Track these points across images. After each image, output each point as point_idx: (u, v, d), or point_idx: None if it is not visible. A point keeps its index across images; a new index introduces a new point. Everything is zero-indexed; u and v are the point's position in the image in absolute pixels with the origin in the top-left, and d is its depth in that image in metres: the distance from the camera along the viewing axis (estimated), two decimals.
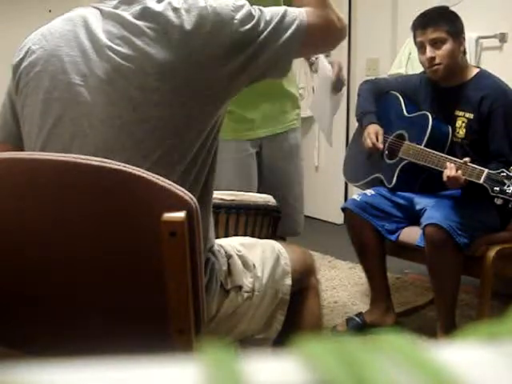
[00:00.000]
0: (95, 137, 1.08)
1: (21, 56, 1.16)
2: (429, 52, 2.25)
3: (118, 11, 1.11)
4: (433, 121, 2.27)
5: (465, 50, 2.31)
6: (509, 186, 1.89)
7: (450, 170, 2.04)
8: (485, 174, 1.95)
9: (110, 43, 1.08)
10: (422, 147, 2.23)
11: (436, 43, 2.23)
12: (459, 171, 2.03)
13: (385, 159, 2.43)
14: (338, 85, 2.23)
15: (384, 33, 3.86)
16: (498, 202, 1.92)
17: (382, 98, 2.53)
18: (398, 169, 2.34)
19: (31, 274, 0.98)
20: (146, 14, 1.09)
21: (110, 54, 1.07)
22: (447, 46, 2.23)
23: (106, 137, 1.07)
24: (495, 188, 1.91)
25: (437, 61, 2.24)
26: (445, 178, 2.06)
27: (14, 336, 1.04)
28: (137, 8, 1.10)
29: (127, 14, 1.10)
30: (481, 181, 1.95)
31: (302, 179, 2.21)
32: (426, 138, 2.26)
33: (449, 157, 2.11)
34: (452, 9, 2.53)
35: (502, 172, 1.92)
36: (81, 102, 1.08)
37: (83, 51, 1.10)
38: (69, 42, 1.12)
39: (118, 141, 1.07)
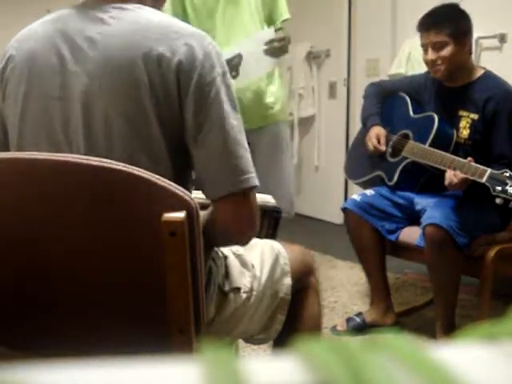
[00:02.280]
0: (67, 147, 1.05)
1: (3, 63, 1.14)
2: (430, 54, 2.25)
3: (99, 14, 1.08)
4: (438, 122, 2.26)
5: (471, 50, 2.30)
6: (511, 186, 1.89)
7: (451, 176, 2.04)
8: (488, 173, 1.95)
9: (87, 49, 1.05)
10: (425, 146, 2.23)
11: (438, 46, 2.24)
12: (458, 172, 2.03)
13: (387, 158, 2.43)
14: (274, 48, 2.34)
15: (384, 33, 3.86)
16: (499, 201, 1.92)
17: (389, 99, 2.53)
18: (400, 167, 2.34)
19: (31, 273, 0.98)
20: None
21: (87, 59, 1.05)
22: (448, 49, 2.22)
23: (78, 146, 1.05)
24: (497, 187, 1.91)
25: (438, 62, 2.25)
26: (446, 183, 2.06)
27: (14, 336, 1.04)
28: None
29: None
30: (483, 180, 1.95)
31: (286, 169, 2.56)
32: (430, 139, 2.25)
33: (452, 156, 2.10)
34: None
35: (505, 172, 1.92)
36: (55, 111, 1.06)
37: (60, 57, 1.07)
38: (45, 46, 1.09)
39: (89, 151, 1.03)
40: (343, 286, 2.93)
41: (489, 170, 1.95)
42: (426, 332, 2.34)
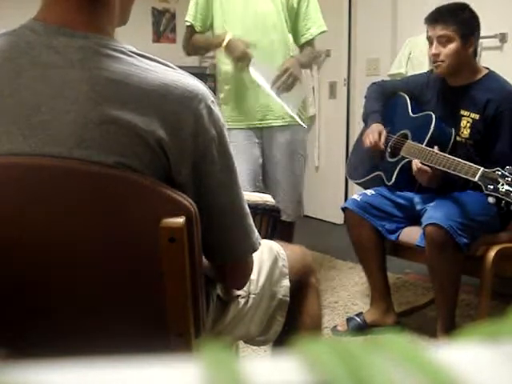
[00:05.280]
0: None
1: None
2: (434, 48, 2.26)
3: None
4: (436, 121, 2.26)
5: (475, 50, 2.30)
6: (503, 185, 1.89)
7: (416, 164, 2.14)
8: (480, 171, 1.95)
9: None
10: (423, 146, 2.23)
11: (443, 41, 2.24)
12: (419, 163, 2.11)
13: (386, 158, 2.43)
14: (279, 86, 2.41)
15: (384, 33, 3.86)
16: (491, 200, 1.93)
17: (391, 100, 2.53)
18: (399, 167, 2.34)
19: (31, 277, 0.97)
20: None
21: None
22: (453, 46, 2.23)
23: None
24: (489, 186, 1.91)
25: (441, 58, 2.25)
26: (414, 169, 2.14)
27: (13, 338, 1.04)
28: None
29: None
30: (476, 178, 1.96)
31: (300, 171, 2.61)
32: (427, 138, 2.26)
33: (447, 155, 2.11)
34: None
35: (498, 170, 1.92)
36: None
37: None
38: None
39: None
40: (343, 286, 2.93)
41: (481, 169, 1.96)
42: (426, 332, 2.34)
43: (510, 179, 1.89)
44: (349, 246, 2.50)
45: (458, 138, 2.27)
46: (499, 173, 1.91)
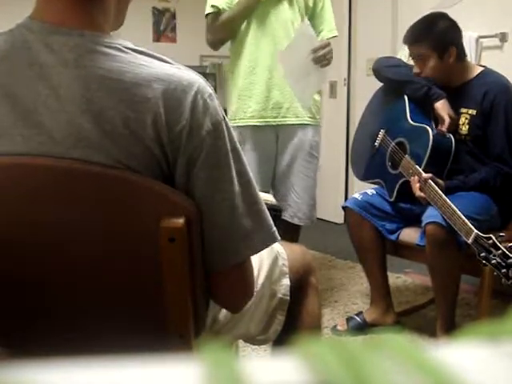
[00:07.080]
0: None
1: None
2: (415, 68, 2.31)
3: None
4: (433, 137, 2.22)
5: (460, 56, 2.29)
6: (494, 256, 1.82)
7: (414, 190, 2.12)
8: (473, 234, 1.88)
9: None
10: (421, 171, 2.16)
11: (420, 59, 2.27)
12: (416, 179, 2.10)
13: (387, 166, 2.41)
14: (319, 56, 2.34)
15: (384, 33, 3.86)
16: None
17: (390, 99, 2.50)
18: (399, 184, 2.32)
19: (30, 277, 0.98)
20: None
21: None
22: (430, 63, 2.25)
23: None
24: (482, 254, 1.86)
25: (423, 75, 2.29)
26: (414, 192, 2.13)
27: (13, 338, 1.04)
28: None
29: None
30: (469, 241, 1.89)
31: (313, 174, 2.56)
32: (426, 158, 2.21)
33: (445, 199, 2.03)
34: (450, 9, 2.53)
35: (490, 239, 1.85)
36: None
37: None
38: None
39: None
40: (343, 285, 2.94)
41: (474, 232, 1.89)
42: (426, 331, 2.34)
43: (500, 252, 1.81)
44: (349, 246, 2.50)
45: (457, 137, 2.27)
46: (491, 241, 1.84)
